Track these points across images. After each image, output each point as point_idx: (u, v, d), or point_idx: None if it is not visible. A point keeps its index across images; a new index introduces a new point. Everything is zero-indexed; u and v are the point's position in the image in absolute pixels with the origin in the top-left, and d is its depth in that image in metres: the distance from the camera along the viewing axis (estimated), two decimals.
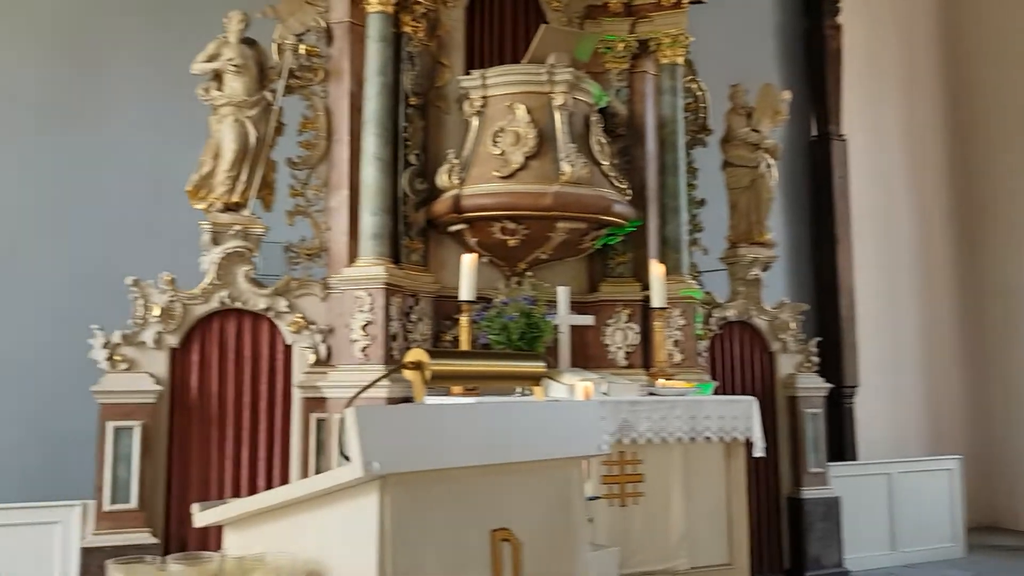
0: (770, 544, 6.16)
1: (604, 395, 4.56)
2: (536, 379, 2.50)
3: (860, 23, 8.97)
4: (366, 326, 4.85)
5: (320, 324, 5.00)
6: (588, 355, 5.55)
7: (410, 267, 5.12)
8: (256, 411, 4.87)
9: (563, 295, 5.17)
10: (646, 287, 5.48)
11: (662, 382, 4.99)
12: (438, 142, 5.42)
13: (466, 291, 4.73)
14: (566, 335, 5.13)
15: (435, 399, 4.18)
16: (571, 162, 5.05)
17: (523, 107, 5.14)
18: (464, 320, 4.74)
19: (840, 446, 7.94)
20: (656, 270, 5.23)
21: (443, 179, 5.16)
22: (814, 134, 8.74)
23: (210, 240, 4.84)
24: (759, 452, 4.80)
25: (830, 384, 6.55)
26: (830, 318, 8.32)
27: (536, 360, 2.51)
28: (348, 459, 1.76)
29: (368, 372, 4.73)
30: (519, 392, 4.47)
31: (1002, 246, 8.96)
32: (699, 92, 6.43)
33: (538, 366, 2.48)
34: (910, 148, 9.28)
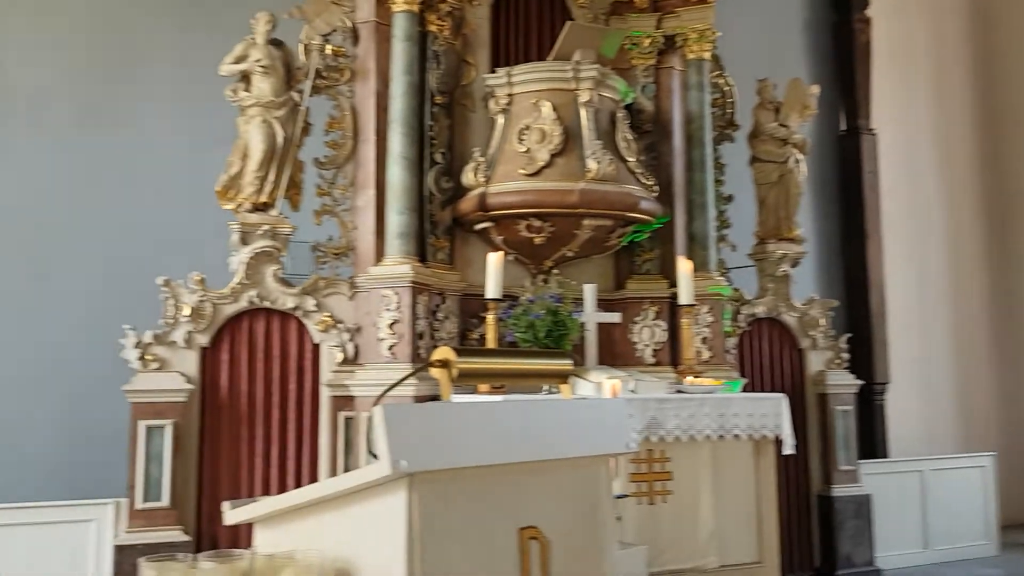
0: (800, 542, 6.11)
1: (631, 393, 4.55)
2: (563, 377, 2.49)
3: (889, 16, 8.86)
4: (393, 324, 4.86)
5: (347, 323, 5.03)
6: (615, 353, 5.53)
7: (436, 265, 5.13)
8: (285, 409, 4.91)
9: (590, 292, 5.16)
10: (673, 284, 5.46)
11: (690, 379, 4.97)
12: (464, 140, 5.42)
13: (492, 289, 4.73)
14: (593, 333, 5.12)
15: (462, 397, 4.18)
16: (597, 159, 5.03)
17: (549, 104, 5.13)
18: (490, 318, 4.75)
19: (871, 443, 7.86)
20: (683, 267, 5.20)
21: (469, 177, 5.16)
22: (843, 128, 8.66)
23: (239, 240, 4.88)
24: (789, 450, 4.76)
25: (860, 381, 6.49)
26: (860, 314, 8.24)
27: (563, 358, 2.50)
28: (376, 457, 1.77)
29: (395, 370, 4.74)
30: (546, 390, 4.47)
31: None
32: (726, 87, 6.39)
33: (565, 364, 2.47)
34: (940, 142, 9.16)
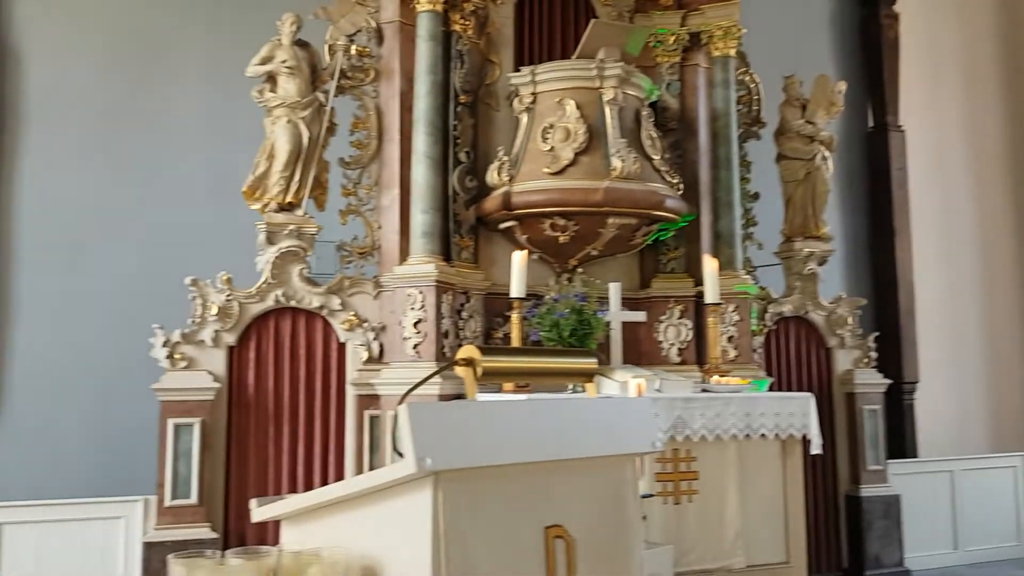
0: (828, 542, 6.06)
1: (657, 392, 4.53)
2: (588, 376, 2.49)
3: (917, 11, 8.76)
4: (418, 323, 4.88)
5: (372, 322, 5.05)
6: (640, 352, 5.52)
7: (461, 265, 5.14)
8: (311, 408, 4.94)
9: (614, 291, 5.14)
10: (699, 283, 5.43)
11: (716, 379, 4.94)
12: (488, 139, 5.43)
13: (517, 288, 4.73)
14: (618, 332, 5.10)
15: (487, 396, 4.19)
16: (621, 157, 5.02)
17: (573, 103, 5.12)
18: (515, 317, 4.74)
19: (900, 443, 7.78)
20: (709, 265, 5.17)
21: (493, 176, 5.16)
22: (871, 125, 8.58)
23: (265, 240, 4.92)
24: (816, 449, 4.72)
25: (889, 380, 6.42)
26: (889, 313, 8.16)
27: (588, 357, 2.49)
28: (401, 455, 1.77)
29: (420, 369, 4.75)
30: (571, 389, 4.46)
31: None
32: (752, 84, 6.34)
33: (590, 363, 2.46)
34: (970, 138, 9.05)
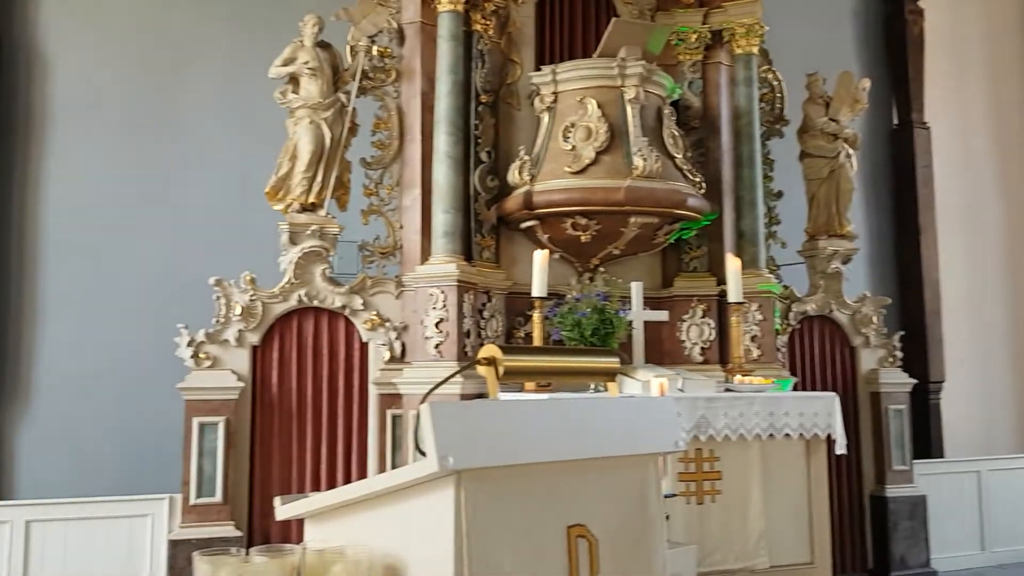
0: (853, 543, 6.02)
1: (679, 391, 4.51)
2: (610, 375, 2.48)
3: (942, 7, 8.67)
4: (439, 323, 4.89)
5: (394, 321, 5.07)
6: (663, 351, 5.50)
7: (482, 264, 5.14)
8: (334, 407, 4.96)
9: (636, 290, 5.12)
10: (722, 282, 5.40)
11: (739, 378, 4.91)
12: (509, 139, 5.43)
13: (538, 287, 4.72)
14: (640, 331, 5.08)
15: (509, 395, 4.19)
16: (643, 156, 5.00)
17: (594, 102, 5.11)
18: (537, 316, 4.74)
19: (926, 443, 7.70)
20: (732, 264, 5.14)
21: (514, 176, 5.16)
22: (895, 122, 8.50)
23: (288, 240, 4.95)
24: (841, 449, 4.68)
25: (914, 379, 6.36)
26: (914, 311, 8.08)
27: (610, 356, 2.48)
28: (424, 454, 1.78)
29: (442, 368, 4.76)
30: (593, 388, 4.45)
31: None
32: (775, 82, 6.30)
33: (612, 362, 2.45)
34: (996, 135, 8.94)
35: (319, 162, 4.99)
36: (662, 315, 5.36)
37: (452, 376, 2.47)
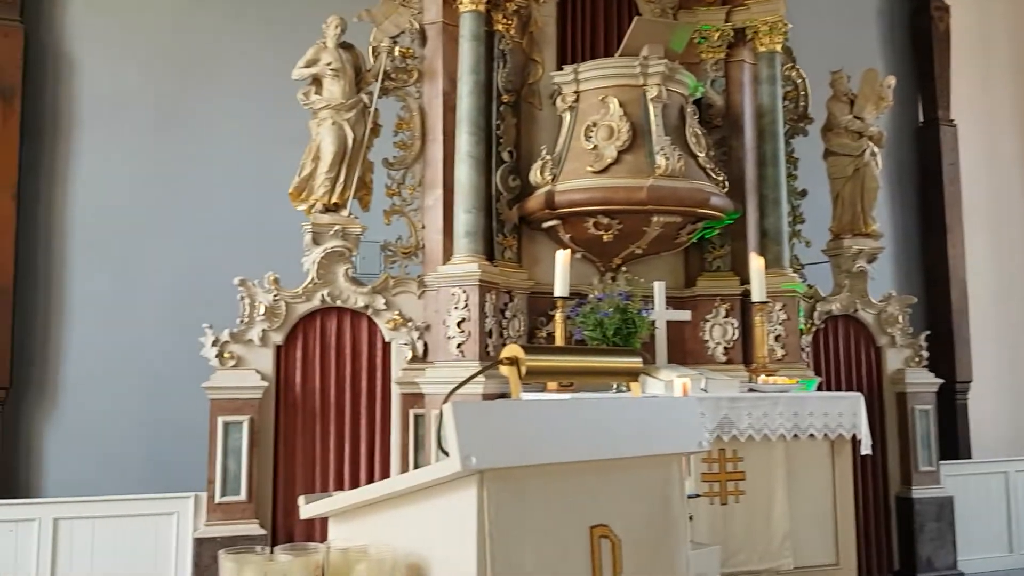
0: (879, 544, 5.97)
1: (703, 391, 4.49)
2: (633, 375, 2.47)
3: (968, 4, 8.57)
4: (462, 323, 4.89)
5: (417, 321, 5.08)
6: (686, 351, 5.48)
7: (504, 264, 5.15)
8: (357, 406, 4.99)
9: (659, 290, 5.11)
10: (745, 281, 5.37)
11: (763, 378, 4.88)
12: (531, 139, 5.42)
13: (560, 287, 4.72)
14: (662, 331, 5.06)
15: (531, 395, 4.19)
16: (666, 155, 4.98)
17: (616, 101, 5.09)
18: (559, 316, 4.74)
19: (953, 444, 7.62)
20: (756, 263, 5.10)
21: (536, 175, 5.16)
22: (921, 120, 8.41)
23: (311, 240, 4.97)
24: (866, 450, 4.64)
25: (941, 379, 6.29)
26: (941, 311, 8.00)
27: (632, 356, 2.47)
28: (446, 454, 1.78)
29: (464, 368, 4.77)
30: (615, 388, 4.44)
31: None
32: (799, 80, 6.26)
33: (634, 362, 2.45)
34: (1023, 132, 8.82)
35: (342, 163, 5.01)
36: (685, 315, 5.34)
37: (474, 376, 2.47)
